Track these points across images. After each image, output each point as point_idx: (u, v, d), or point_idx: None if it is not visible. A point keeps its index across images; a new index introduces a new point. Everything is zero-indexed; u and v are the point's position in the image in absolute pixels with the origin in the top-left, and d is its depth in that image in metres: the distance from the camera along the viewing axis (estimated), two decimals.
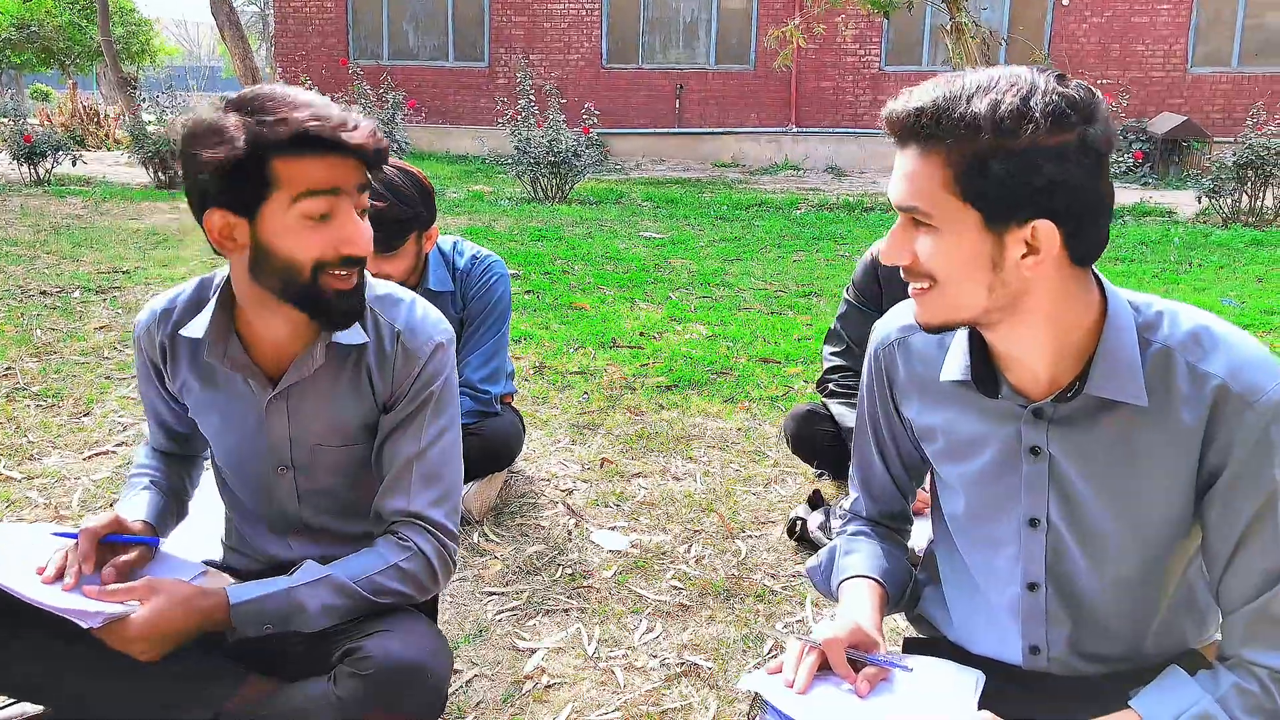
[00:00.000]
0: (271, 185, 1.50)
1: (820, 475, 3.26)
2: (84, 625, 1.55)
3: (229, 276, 1.69)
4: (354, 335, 1.68)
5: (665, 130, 16.26)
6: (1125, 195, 10.89)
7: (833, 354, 3.13)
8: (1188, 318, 1.33)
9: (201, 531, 2.15)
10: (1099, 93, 1.23)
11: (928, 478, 2.80)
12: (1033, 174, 1.19)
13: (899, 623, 2.35)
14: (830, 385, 3.07)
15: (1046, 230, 1.23)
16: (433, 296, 2.89)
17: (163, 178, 11.21)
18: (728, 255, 7.54)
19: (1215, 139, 13.03)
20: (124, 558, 1.68)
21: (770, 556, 2.78)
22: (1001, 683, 1.50)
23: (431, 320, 1.75)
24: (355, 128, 1.51)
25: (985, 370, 1.40)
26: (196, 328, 1.70)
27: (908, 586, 1.70)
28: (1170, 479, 1.34)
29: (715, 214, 9.81)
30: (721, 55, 16.21)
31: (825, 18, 11.81)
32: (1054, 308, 1.30)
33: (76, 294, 5.73)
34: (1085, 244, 1.26)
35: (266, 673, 1.71)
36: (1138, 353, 1.30)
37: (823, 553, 1.74)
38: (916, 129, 1.24)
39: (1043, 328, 1.31)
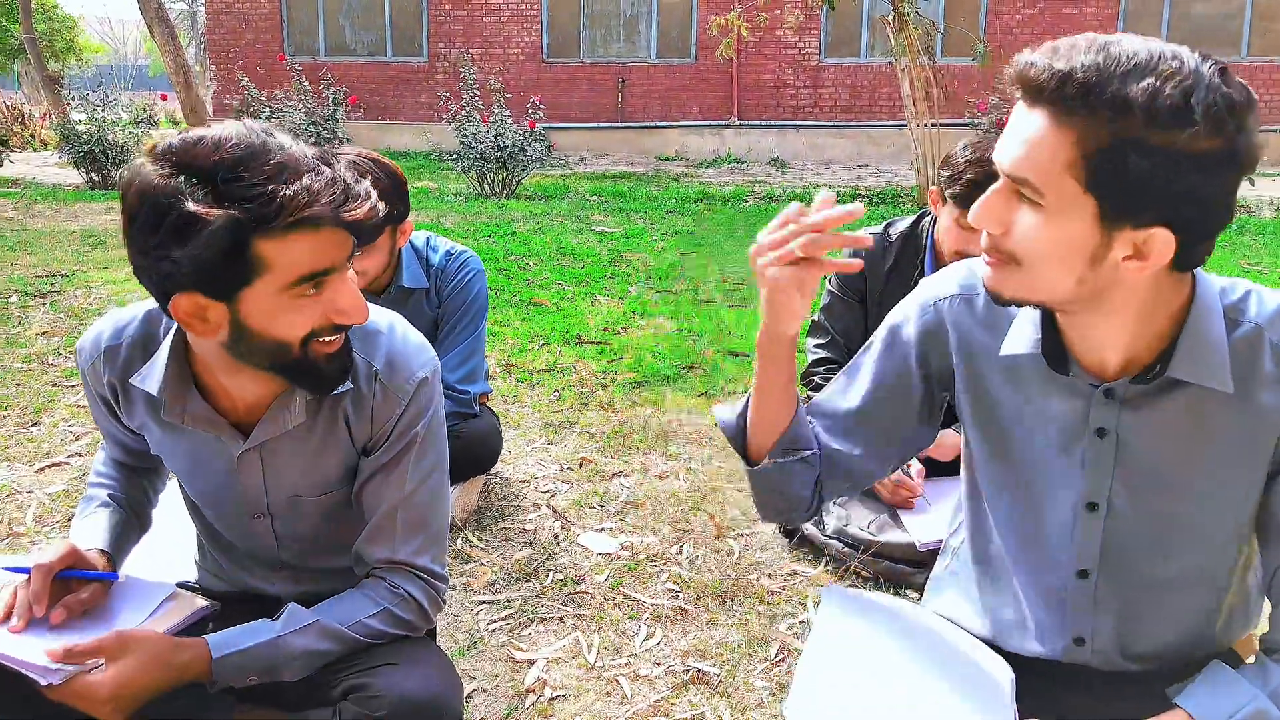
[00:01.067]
0: (256, 270, 1.29)
1: None
2: (41, 681, 1.40)
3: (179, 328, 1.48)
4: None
5: (608, 124, 16.16)
6: None
7: (816, 346, 3.07)
8: (1274, 298, 1.27)
9: (169, 544, 2.02)
10: (1255, 96, 1.11)
11: (913, 466, 2.78)
12: (1173, 178, 1.07)
13: None
14: (815, 378, 3.01)
15: (1163, 239, 1.12)
16: (407, 294, 2.79)
17: (95, 178, 10.87)
18: (682, 249, 7.47)
19: None
20: (79, 595, 1.53)
21: (764, 555, 2.71)
22: (1031, 679, 1.44)
23: (411, 352, 1.56)
24: (352, 201, 1.30)
25: (1054, 346, 1.31)
26: (149, 381, 1.50)
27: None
28: (1244, 464, 1.28)
29: (665, 207, 9.75)
30: (663, 48, 16.15)
31: (767, 7, 11.78)
32: (1140, 305, 1.21)
33: (14, 299, 5.49)
34: (1194, 255, 1.16)
35: (257, 702, 1.59)
36: (1224, 336, 1.23)
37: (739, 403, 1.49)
38: (1058, 94, 1.09)
39: (1125, 319, 1.23)
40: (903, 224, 2.96)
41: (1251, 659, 1.40)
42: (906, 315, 1.45)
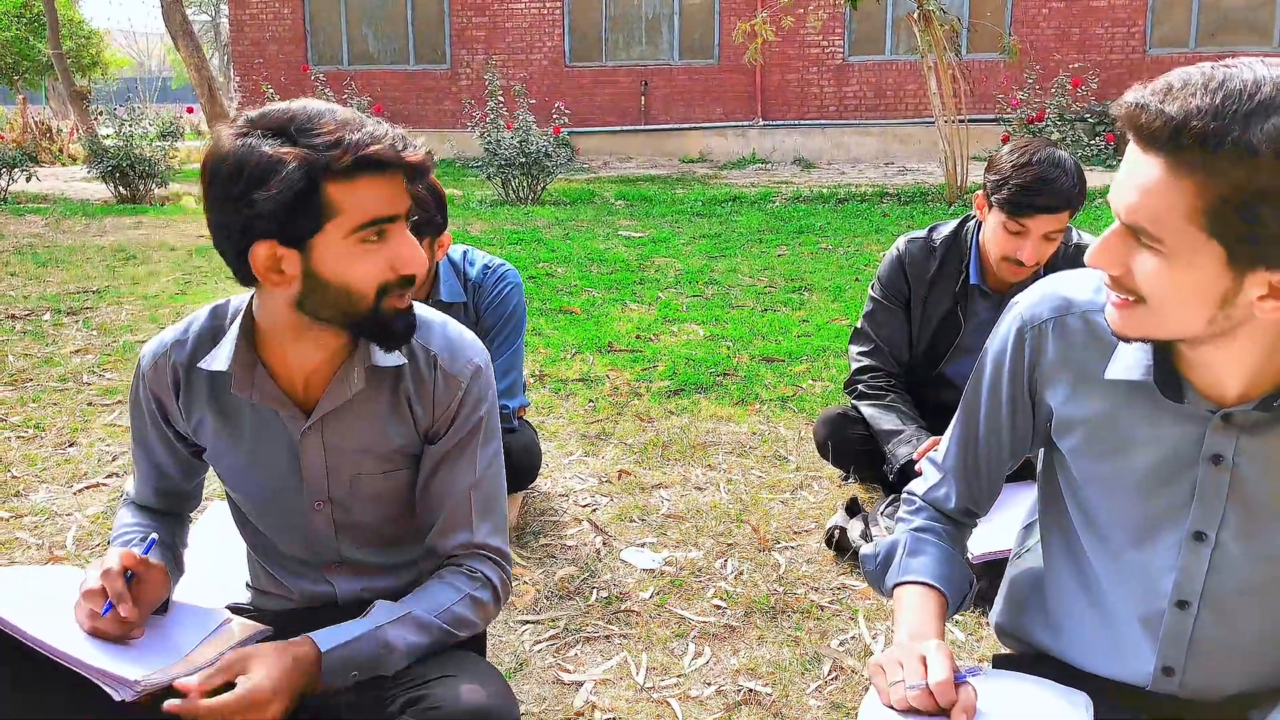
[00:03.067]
0: (326, 214, 1.39)
1: (847, 480, 3.15)
2: (115, 696, 1.40)
3: (249, 304, 1.56)
4: (393, 357, 1.57)
5: (631, 128, 16.13)
6: (1096, 179, 10.90)
7: (860, 354, 3.02)
8: None
9: (217, 571, 2.00)
10: None
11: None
12: None
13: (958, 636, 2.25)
14: (860, 387, 2.96)
15: None
16: (444, 308, 2.75)
17: (124, 192, 10.93)
18: (710, 252, 7.42)
19: None
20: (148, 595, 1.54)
21: (811, 569, 2.67)
22: (1113, 705, 1.39)
23: (467, 341, 1.65)
24: (411, 146, 1.41)
25: (1168, 372, 1.25)
26: (218, 360, 1.56)
27: (965, 596, 1.58)
28: None
29: (691, 210, 9.70)
30: (685, 50, 16.11)
31: (791, 9, 11.73)
32: (1275, 337, 1.15)
33: (47, 316, 5.51)
34: None
35: None
36: None
37: (881, 543, 1.59)
38: (1173, 144, 1.02)
39: (1253, 351, 1.17)
40: (946, 229, 2.91)
41: None
42: (1004, 342, 1.43)
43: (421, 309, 1.63)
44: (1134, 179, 1.09)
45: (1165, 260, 1.09)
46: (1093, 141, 12.53)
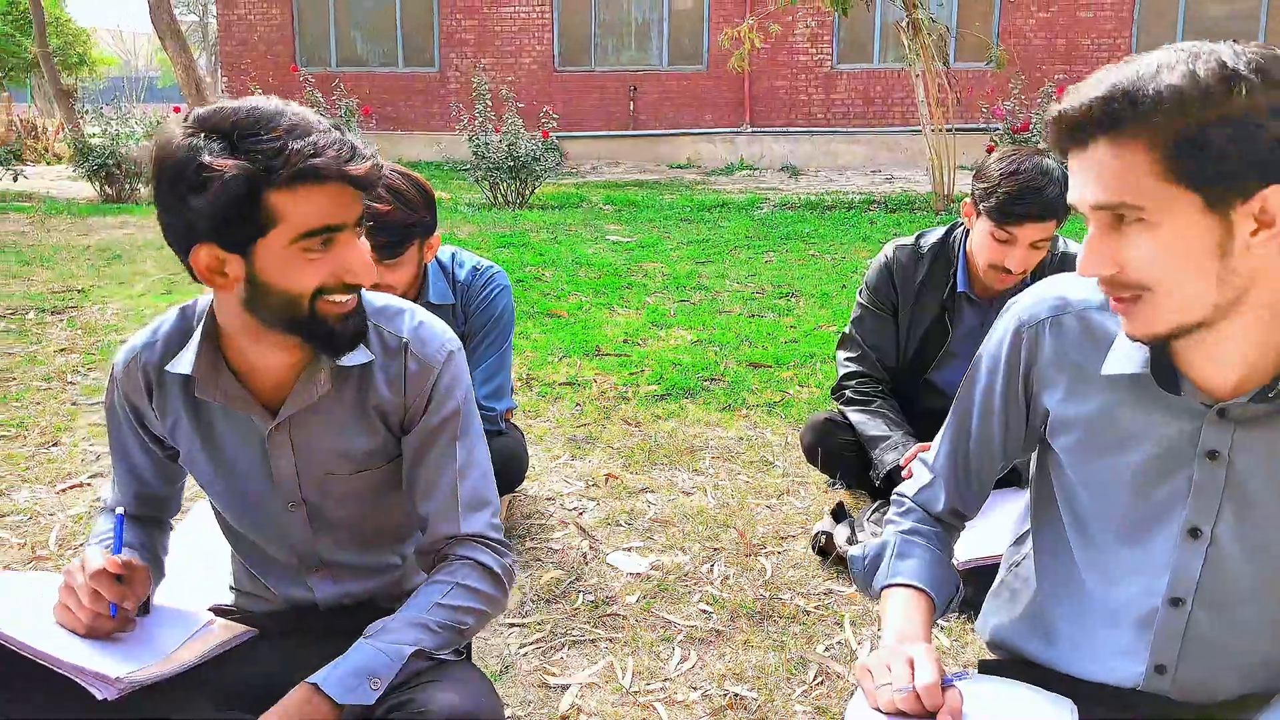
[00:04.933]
0: (268, 222, 1.36)
1: (833, 485, 3.15)
2: (98, 695, 1.39)
3: (212, 305, 1.55)
4: (358, 354, 1.55)
5: (620, 133, 16.14)
6: None
7: (848, 359, 3.02)
8: None
9: (201, 572, 1.99)
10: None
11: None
12: (1255, 137, 1.06)
13: (944, 642, 2.25)
14: (847, 392, 2.97)
15: (1278, 197, 1.09)
16: (433, 310, 2.73)
17: (110, 191, 10.88)
18: (698, 257, 7.43)
19: None
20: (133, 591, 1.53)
21: (797, 574, 2.67)
22: (1103, 712, 1.40)
23: (438, 328, 1.62)
24: (358, 158, 1.38)
25: (1164, 364, 1.26)
26: (183, 363, 1.55)
27: (952, 600, 1.58)
28: None
29: (679, 216, 9.71)
30: (674, 56, 16.14)
31: (779, 16, 11.75)
32: (1273, 315, 1.17)
33: (31, 315, 5.48)
34: None
35: None
36: None
37: (870, 545, 1.60)
38: (1106, 118, 1.10)
39: (1261, 321, 1.17)
40: (933, 235, 2.92)
41: None
42: (1000, 343, 1.44)
43: (388, 299, 1.63)
44: (1088, 173, 1.15)
45: (1152, 233, 1.12)
46: None
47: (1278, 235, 1.10)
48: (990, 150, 8.49)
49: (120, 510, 1.66)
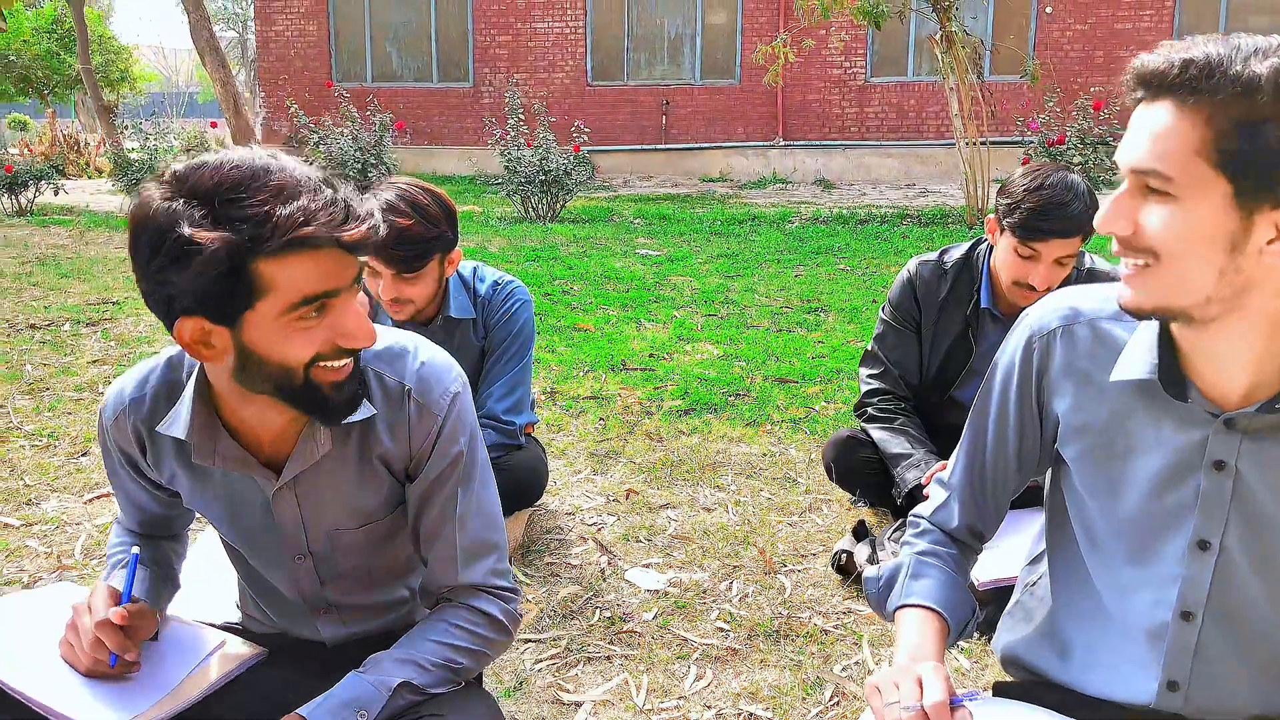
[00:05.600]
0: (257, 292, 1.26)
1: (856, 503, 3.12)
2: None
3: (202, 367, 1.46)
4: (359, 410, 1.47)
5: (652, 146, 16.17)
6: None
7: (870, 377, 3.00)
8: None
9: (213, 585, 1.99)
10: None
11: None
12: None
13: (959, 662, 2.22)
14: (869, 409, 2.94)
15: None
16: (454, 324, 2.77)
17: None
18: (727, 271, 7.41)
19: None
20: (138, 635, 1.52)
21: (816, 592, 2.64)
22: None
23: (441, 369, 1.54)
24: (352, 221, 1.27)
25: (1172, 370, 1.25)
26: (176, 426, 1.46)
27: (968, 623, 1.56)
28: None
29: (709, 230, 9.71)
30: (707, 70, 16.15)
31: (812, 31, 11.73)
32: (1276, 323, 1.16)
33: (66, 327, 5.56)
34: None
35: None
36: None
37: (885, 565, 1.58)
38: (1180, 81, 1.10)
39: (1260, 329, 1.16)
40: (957, 251, 2.89)
41: None
42: (1012, 354, 1.43)
43: (391, 340, 1.54)
44: (1143, 127, 1.15)
45: (1174, 205, 1.12)
46: (1113, 164, 12.46)
47: None
48: (1025, 163, 8.42)
49: (136, 550, 1.62)
